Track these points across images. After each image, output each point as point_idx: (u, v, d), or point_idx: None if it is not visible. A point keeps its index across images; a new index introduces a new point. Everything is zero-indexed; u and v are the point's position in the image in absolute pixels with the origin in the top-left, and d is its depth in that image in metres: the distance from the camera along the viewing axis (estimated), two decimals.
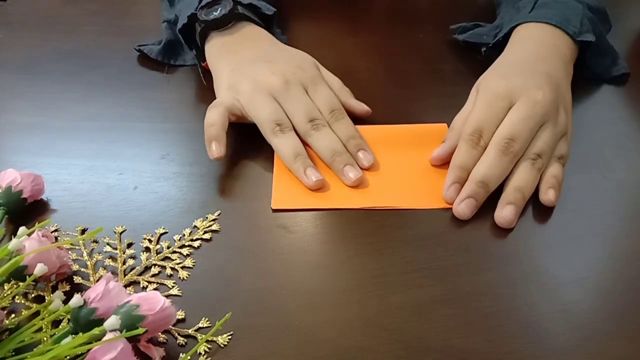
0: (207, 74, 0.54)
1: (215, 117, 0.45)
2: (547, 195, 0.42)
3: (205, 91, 0.56)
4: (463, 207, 0.42)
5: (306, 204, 0.43)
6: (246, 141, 0.49)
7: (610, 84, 0.57)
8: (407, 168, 0.46)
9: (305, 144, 0.46)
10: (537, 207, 0.43)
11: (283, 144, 0.45)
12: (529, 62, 0.49)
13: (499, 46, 0.54)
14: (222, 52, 0.52)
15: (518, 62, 0.50)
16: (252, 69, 0.48)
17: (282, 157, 0.45)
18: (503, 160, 0.42)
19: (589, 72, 0.56)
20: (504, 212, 0.41)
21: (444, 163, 0.46)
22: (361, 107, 0.50)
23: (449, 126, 0.48)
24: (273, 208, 0.43)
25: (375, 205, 0.43)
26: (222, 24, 0.52)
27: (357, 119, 0.50)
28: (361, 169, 0.45)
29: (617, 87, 0.57)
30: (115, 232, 0.40)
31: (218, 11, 0.52)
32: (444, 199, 0.43)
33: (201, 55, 0.54)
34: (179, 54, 0.59)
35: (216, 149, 0.44)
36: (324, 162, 0.46)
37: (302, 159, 0.45)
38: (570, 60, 0.52)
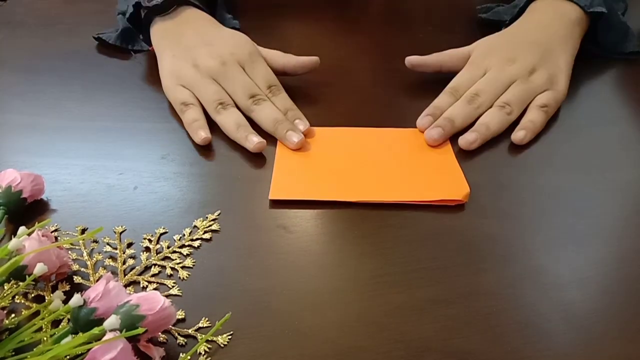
0: None
1: (196, 115, 0.49)
2: (517, 134, 0.48)
3: None
4: (432, 132, 0.48)
5: (304, 195, 0.43)
6: None
7: (611, 83, 0.57)
8: (406, 165, 0.47)
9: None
10: (536, 207, 0.43)
11: (225, 119, 0.48)
12: (522, 33, 0.56)
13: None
14: (164, 36, 0.55)
15: (512, 33, 0.56)
16: (192, 54, 0.52)
17: (226, 131, 0.48)
18: (467, 107, 0.50)
19: (598, 48, 0.60)
20: (467, 136, 0.48)
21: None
22: (310, 59, 0.54)
23: None
24: (270, 199, 0.43)
25: (374, 199, 0.43)
26: (164, 9, 0.55)
27: (351, 122, 0.50)
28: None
29: (617, 87, 0.57)
30: (115, 232, 0.40)
31: None
32: (438, 193, 0.43)
33: (148, 41, 0.57)
34: (135, 41, 0.61)
35: (205, 133, 0.47)
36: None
37: (244, 128, 0.48)
38: (575, 29, 0.55)
